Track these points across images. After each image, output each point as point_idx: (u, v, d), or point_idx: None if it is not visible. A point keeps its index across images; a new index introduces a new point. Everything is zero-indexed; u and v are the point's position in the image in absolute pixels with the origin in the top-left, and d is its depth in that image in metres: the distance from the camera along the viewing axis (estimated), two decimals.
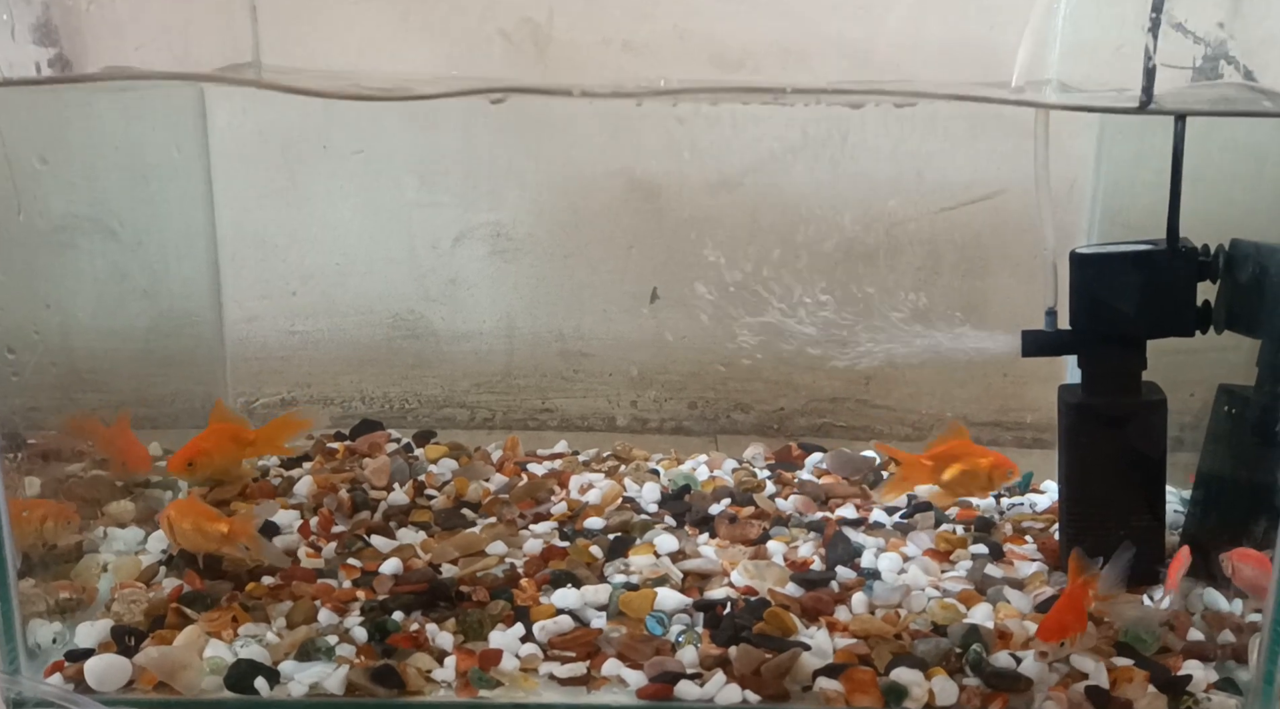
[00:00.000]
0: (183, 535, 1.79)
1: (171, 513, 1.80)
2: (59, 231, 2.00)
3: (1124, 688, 1.61)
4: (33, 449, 1.78)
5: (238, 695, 1.62)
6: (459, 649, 1.68)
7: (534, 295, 2.60)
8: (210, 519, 1.78)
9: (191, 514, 1.79)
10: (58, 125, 1.93)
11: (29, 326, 1.71)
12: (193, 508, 1.82)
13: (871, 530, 2.01)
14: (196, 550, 1.83)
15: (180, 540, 1.81)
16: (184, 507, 1.82)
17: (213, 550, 1.82)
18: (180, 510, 1.80)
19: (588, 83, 1.73)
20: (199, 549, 1.82)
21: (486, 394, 2.67)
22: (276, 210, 2.56)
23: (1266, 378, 1.75)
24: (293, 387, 2.67)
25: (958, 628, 1.71)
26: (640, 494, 2.14)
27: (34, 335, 1.72)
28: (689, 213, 2.52)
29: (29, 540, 1.66)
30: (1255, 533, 1.73)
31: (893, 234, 2.48)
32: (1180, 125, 1.69)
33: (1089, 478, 1.83)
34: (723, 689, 1.62)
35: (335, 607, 1.75)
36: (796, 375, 2.63)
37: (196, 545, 1.81)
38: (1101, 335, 1.77)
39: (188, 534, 1.79)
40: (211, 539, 1.78)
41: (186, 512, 1.80)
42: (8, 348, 1.60)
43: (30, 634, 1.67)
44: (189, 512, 1.80)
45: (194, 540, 1.79)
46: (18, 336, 1.66)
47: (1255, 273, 1.70)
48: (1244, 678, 1.65)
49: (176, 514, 1.79)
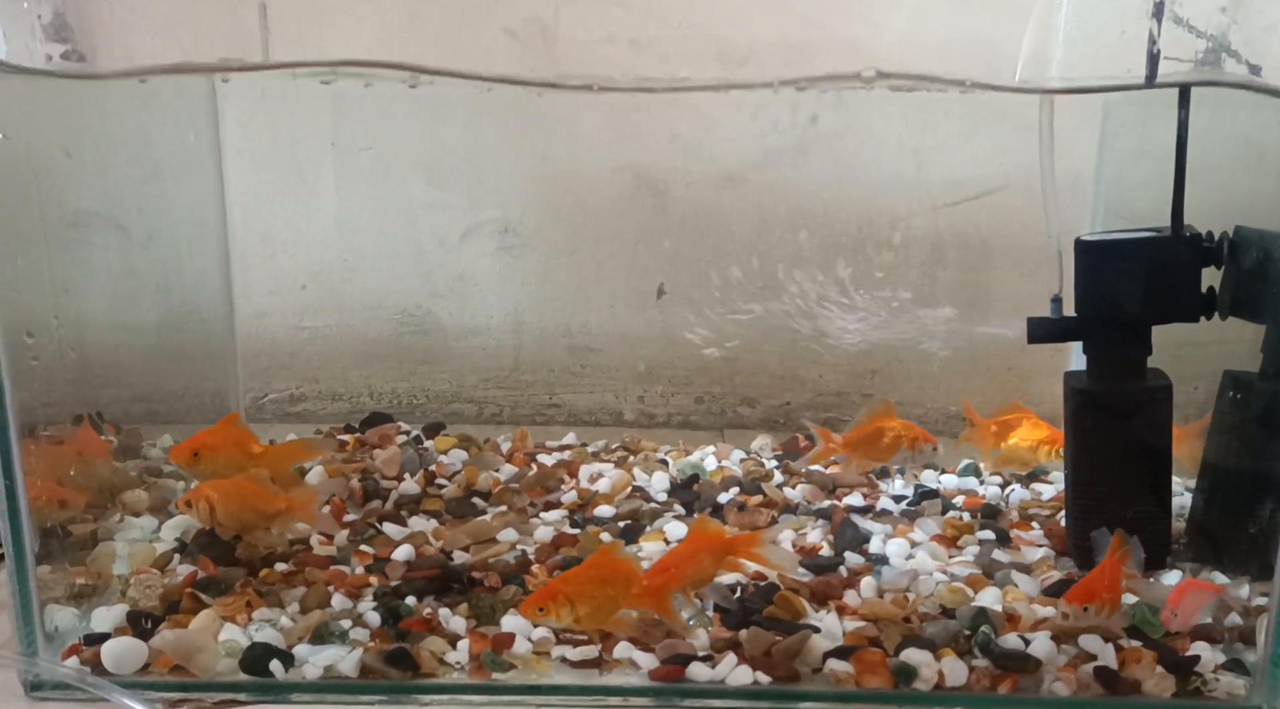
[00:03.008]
0: (229, 516, 1.77)
1: (213, 494, 1.77)
2: (72, 227, 2.02)
3: (1132, 669, 1.63)
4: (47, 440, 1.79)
5: (253, 678, 1.63)
6: (471, 633, 1.69)
7: (541, 291, 2.62)
8: (264, 497, 1.77)
9: (239, 494, 1.78)
10: (73, 121, 1.95)
11: (48, 312, 1.73)
12: (240, 487, 1.80)
13: (879, 517, 2.03)
14: (244, 530, 1.81)
15: (226, 521, 1.78)
16: (228, 487, 1.80)
17: (263, 528, 1.81)
18: (225, 492, 1.78)
19: (595, 75, 1.75)
20: (247, 528, 1.81)
21: (494, 389, 2.69)
22: (285, 207, 2.58)
23: (1271, 363, 1.77)
24: (301, 382, 2.69)
25: (966, 610, 1.72)
26: (649, 483, 2.16)
27: (53, 320, 1.73)
28: (694, 208, 2.54)
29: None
30: (1260, 516, 1.75)
31: (897, 230, 2.50)
32: (1184, 110, 1.70)
33: (1095, 463, 1.85)
34: (734, 670, 1.63)
35: (349, 592, 1.77)
36: (802, 370, 2.65)
37: (245, 524, 1.80)
38: (1107, 321, 1.79)
39: (236, 514, 1.77)
40: (266, 517, 1.77)
41: (233, 492, 1.78)
42: (27, 332, 1.61)
43: (48, 619, 1.68)
44: (236, 492, 1.78)
45: (244, 519, 1.78)
46: (37, 323, 1.67)
47: (1259, 258, 1.72)
48: (1251, 659, 1.66)
49: (220, 496, 1.77)
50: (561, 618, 1.55)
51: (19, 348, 1.59)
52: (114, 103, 2.05)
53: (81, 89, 1.93)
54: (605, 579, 1.58)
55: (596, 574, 1.59)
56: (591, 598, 1.56)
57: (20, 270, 1.60)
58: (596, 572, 1.59)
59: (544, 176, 2.56)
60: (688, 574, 1.66)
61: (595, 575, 1.59)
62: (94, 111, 2.02)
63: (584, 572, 1.61)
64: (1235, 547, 1.80)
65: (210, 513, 1.80)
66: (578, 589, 1.56)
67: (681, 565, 1.66)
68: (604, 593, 1.57)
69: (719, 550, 1.69)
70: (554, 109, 2.49)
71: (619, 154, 2.52)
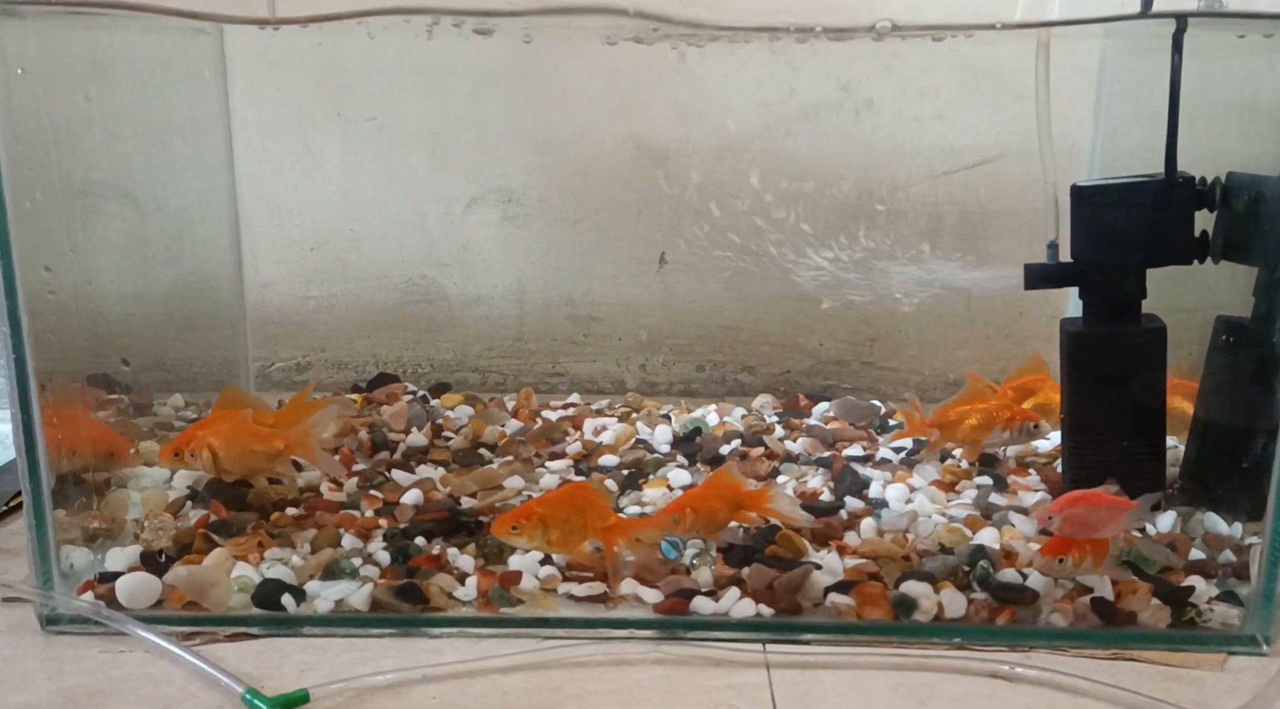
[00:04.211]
0: (232, 460, 1.79)
1: (214, 441, 1.79)
2: (82, 196, 2.05)
3: (1128, 600, 1.66)
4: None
5: (265, 611, 1.66)
6: (480, 570, 1.73)
7: (544, 260, 2.66)
8: (261, 438, 1.79)
9: (238, 437, 1.79)
10: (88, 74, 1.98)
11: (65, 247, 1.76)
12: (238, 429, 1.81)
13: (879, 466, 2.06)
14: (247, 474, 1.83)
15: (230, 466, 1.80)
16: (226, 433, 1.81)
17: (265, 471, 1.82)
18: (224, 437, 1.80)
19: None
20: (250, 471, 1.82)
21: (498, 358, 2.72)
22: (292, 176, 2.62)
23: (1263, 305, 1.80)
24: (308, 351, 2.72)
25: (965, 547, 1.75)
26: (652, 436, 2.19)
27: (69, 253, 1.76)
28: (696, 178, 2.58)
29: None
30: (1252, 456, 1.78)
31: (895, 197, 2.54)
32: (1178, 55, 1.74)
33: (1090, 405, 1.88)
34: (737, 604, 1.66)
35: (359, 533, 1.80)
36: (802, 338, 2.69)
37: (247, 467, 1.81)
38: (1102, 265, 1.82)
39: (235, 458, 1.79)
40: (264, 458, 1.79)
41: (231, 437, 1.80)
42: (45, 266, 1.65)
43: (63, 558, 1.71)
44: (234, 436, 1.80)
45: (247, 462, 1.80)
46: (53, 255, 1.71)
47: (1251, 201, 1.76)
48: (1244, 592, 1.69)
49: (221, 442, 1.79)
50: (533, 539, 1.61)
51: (36, 283, 1.63)
52: (125, 71, 2.09)
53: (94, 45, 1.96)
54: (578, 506, 1.64)
55: (570, 501, 1.65)
56: (564, 523, 1.61)
57: (38, 205, 1.63)
58: (570, 499, 1.65)
59: (547, 146, 2.60)
60: (697, 516, 1.70)
61: (570, 502, 1.64)
62: (105, 79, 2.05)
63: (559, 496, 1.68)
64: (1227, 487, 1.83)
65: (213, 461, 1.82)
66: (552, 512, 1.62)
67: (693, 505, 1.70)
68: (576, 520, 1.63)
69: (733, 501, 1.73)
70: (557, 80, 2.54)
71: (621, 124, 2.56)
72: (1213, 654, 1.62)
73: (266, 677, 1.53)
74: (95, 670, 1.56)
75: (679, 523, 1.68)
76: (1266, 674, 1.56)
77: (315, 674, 1.54)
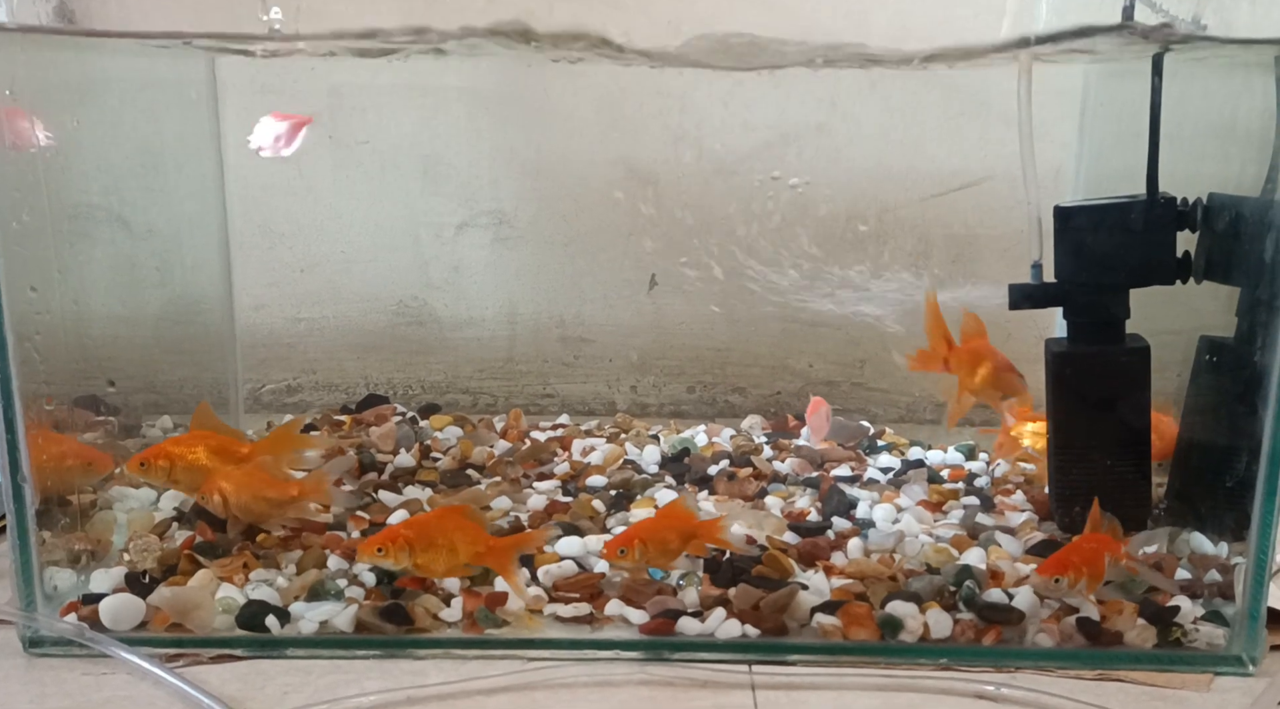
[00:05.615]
0: (242, 508, 1.77)
1: (226, 486, 1.76)
2: (73, 220, 2.06)
3: (1114, 620, 1.66)
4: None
5: (249, 633, 1.65)
6: (465, 591, 1.72)
7: (535, 282, 2.67)
8: (274, 487, 1.77)
9: (250, 485, 1.77)
10: (77, 99, 1.99)
11: (52, 266, 1.76)
12: (251, 477, 1.78)
13: (866, 486, 2.06)
14: (258, 520, 1.81)
15: (240, 512, 1.78)
16: (240, 478, 1.78)
17: (277, 518, 1.80)
18: (238, 483, 1.77)
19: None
20: (262, 518, 1.80)
21: (489, 380, 2.73)
22: (283, 199, 2.63)
23: (1245, 325, 1.81)
24: (298, 373, 2.72)
25: (951, 567, 1.75)
26: (641, 457, 2.19)
27: (56, 274, 1.77)
28: (686, 200, 2.59)
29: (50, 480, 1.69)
30: (1235, 475, 1.78)
31: (883, 220, 2.55)
32: (1158, 77, 1.75)
33: (1075, 425, 1.88)
34: (723, 624, 1.66)
35: (344, 554, 1.80)
36: (792, 359, 2.69)
37: (259, 514, 1.79)
38: (1086, 285, 1.83)
39: (248, 506, 1.77)
40: (279, 505, 1.77)
41: (243, 483, 1.77)
42: (31, 286, 1.65)
43: (47, 580, 1.70)
44: (247, 482, 1.77)
45: (257, 509, 1.78)
46: (40, 276, 1.71)
47: (1232, 222, 1.76)
48: (1230, 612, 1.69)
49: (233, 487, 1.76)
50: (399, 561, 1.60)
51: (23, 304, 1.63)
52: (116, 95, 2.10)
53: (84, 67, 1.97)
54: (446, 530, 1.63)
55: (438, 524, 1.64)
56: (431, 545, 1.61)
57: (26, 226, 1.64)
58: (439, 522, 1.65)
59: (538, 169, 2.62)
60: (647, 547, 1.68)
61: (437, 525, 1.64)
62: (96, 103, 2.06)
63: (427, 519, 1.68)
64: (1213, 506, 1.83)
65: (224, 505, 1.78)
66: (418, 534, 1.61)
67: (642, 536, 1.68)
68: (444, 541, 1.62)
69: (685, 531, 1.71)
70: (548, 103, 2.56)
71: (611, 146, 2.58)
72: (1199, 674, 1.61)
73: (250, 699, 1.52)
74: (77, 693, 1.55)
75: (625, 554, 1.66)
76: (1252, 694, 1.56)
77: (299, 696, 1.53)
